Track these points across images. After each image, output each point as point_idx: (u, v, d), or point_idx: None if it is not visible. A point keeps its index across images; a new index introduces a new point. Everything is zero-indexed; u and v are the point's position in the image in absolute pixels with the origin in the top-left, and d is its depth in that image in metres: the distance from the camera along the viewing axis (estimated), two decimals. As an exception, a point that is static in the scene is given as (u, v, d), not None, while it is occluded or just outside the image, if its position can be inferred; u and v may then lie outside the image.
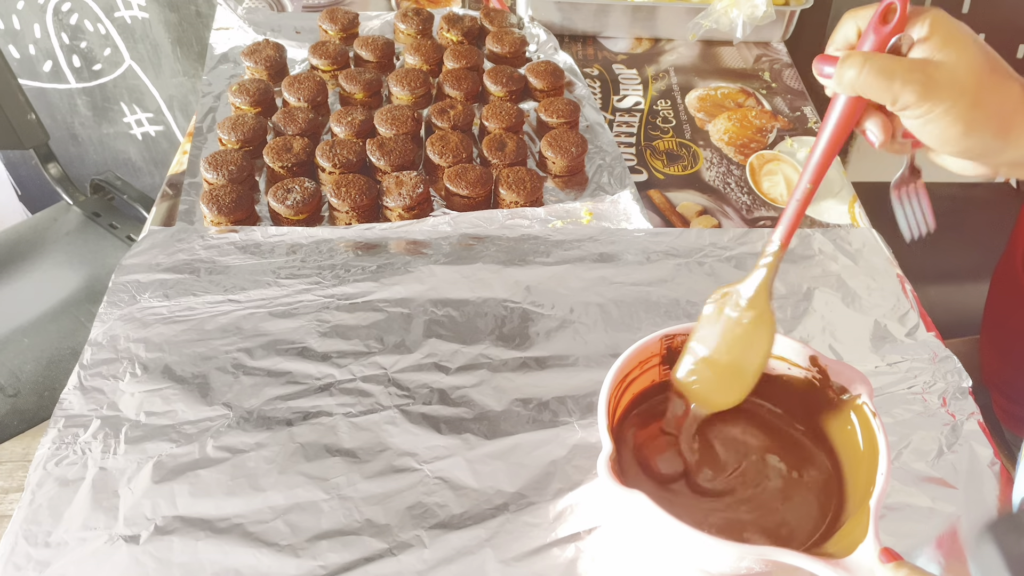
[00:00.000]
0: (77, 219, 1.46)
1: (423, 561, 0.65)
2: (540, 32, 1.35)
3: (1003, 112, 0.56)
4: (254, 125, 1.07)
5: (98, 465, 0.71)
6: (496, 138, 1.07)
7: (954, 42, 0.55)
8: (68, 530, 0.67)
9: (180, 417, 0.75)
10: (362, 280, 0.89)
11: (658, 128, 1.21)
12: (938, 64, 0.55)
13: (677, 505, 0.65)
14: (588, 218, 1.00)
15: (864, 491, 0.60)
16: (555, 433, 0.75)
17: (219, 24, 1.35)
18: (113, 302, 0.86)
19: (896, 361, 0.82)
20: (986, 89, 0.55)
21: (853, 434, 0.65)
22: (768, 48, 1.40)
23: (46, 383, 1.23)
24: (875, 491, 0.57)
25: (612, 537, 0.67)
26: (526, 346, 0.83)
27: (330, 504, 0.69)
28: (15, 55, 1.75)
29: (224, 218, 0.96)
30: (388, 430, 0.75)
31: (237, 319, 0.85)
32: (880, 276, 0.92)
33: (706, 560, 0.61)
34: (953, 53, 0.55)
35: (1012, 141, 0.57)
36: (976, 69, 0.55)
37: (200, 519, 0.68)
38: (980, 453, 0.73)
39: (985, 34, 1.51)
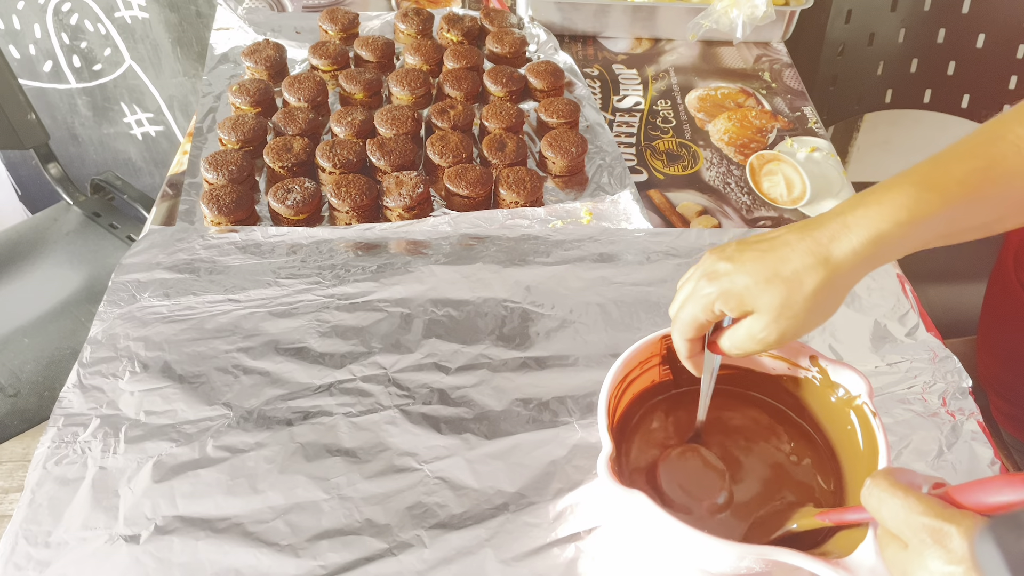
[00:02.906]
0: (77, 219, 1.46)
1: (423, 561, 0.65)
2: (540, 32, 1.35)
3: (795, 291, 0.58)
4: (254, 125, 1.07)
5: (98, 464, 0.71)
6: (496, 138, 1.07)
7: (759, 319, 0.60)
8: (68, 530, 0.67)
9: (180, 416, 0.75)
10: (362, 280, 0.89)
11: (658, 128, 1.21)
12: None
13: (677, 505, 0.65)
14: (588, 218, 1.00)
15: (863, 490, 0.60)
16: (555, 433, 0.75)
17: (219, 24, 1.35)
18: (113, 301, 0.86)
19: (896, 361, 0.82)
20: (779, 302, 0.58)
21: (853, 434, 0.65)
22: (768, 48, 1.40)
23: (46, 383, 1.23)
24: None
25: (612, 537, 0.67)
26: (526, 346, 0.83)
27: (330, 504, 0.69)
28: (15, 55, 1.75)
29: (224, 218, 0.96)
30: (388, 430, 0.75)
31: (237, 319, 0.85)
32: (880, 276, 0.92)
33: (706, 560, 0.61)
34: None
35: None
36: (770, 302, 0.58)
37: (200, 519, 0.68)
38: (980, 453, 0.74)
39: (985, 34, 1.51)
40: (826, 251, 0.57)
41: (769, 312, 0.58)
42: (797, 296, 0.57)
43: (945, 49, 1.57)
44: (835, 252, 0.57)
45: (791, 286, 0.57)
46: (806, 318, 0.58)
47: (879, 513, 0.48)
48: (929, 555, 0.44)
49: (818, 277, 0.57)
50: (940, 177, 0.58)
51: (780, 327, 0.58)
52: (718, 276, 0.60)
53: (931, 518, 0.44)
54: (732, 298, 0.59)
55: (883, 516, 0.48)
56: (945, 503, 0.45)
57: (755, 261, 0.59)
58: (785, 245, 0.59)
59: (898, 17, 1.55)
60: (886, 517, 0.47)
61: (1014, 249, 1.01)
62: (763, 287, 0.58)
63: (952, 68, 1.58)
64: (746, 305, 0.59)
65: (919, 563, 0.45)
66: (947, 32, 1.55)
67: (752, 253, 0.60)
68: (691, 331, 0.63)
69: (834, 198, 1.08)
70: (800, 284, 0.57)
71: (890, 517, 0.47)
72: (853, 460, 0.65)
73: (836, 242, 0.57)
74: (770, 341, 0.59)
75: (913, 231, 0.57)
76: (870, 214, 0.57)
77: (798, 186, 1.09)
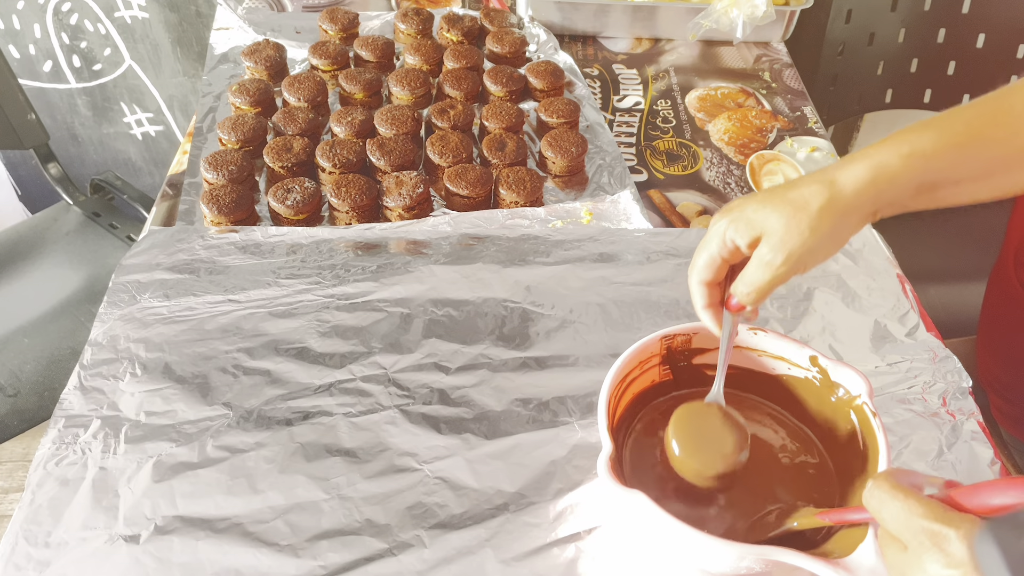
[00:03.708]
0: (77, 219, 1.46)
1: (423, 561, 0.65)
2: (540, 32, 1.35)
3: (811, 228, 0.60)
4: (254, 125, 1.07)
5: (98, 465, 0.71)
6: (496, 138, 1.07)
7: (767, 241, 0.61)
8: (68, 530, 0.67)
9: (180, 417, 0.75)
10: (362, 280, 0.89)
11: (658, 128, 1.21)
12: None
13: (677, 505, 0.65)
14: (588, 218, 1.00)
15: (863, 490, 0.60)
16: (555, 433, 0.75)
17: (219, 24, 1.35)
18: (113, 302, 0.86)
19: (896, 361, 0.82)
20: (800, 241, 0.60)
21: (853, 434, 0.65)
22: (768, 48, 1.40)
23: (46, 383, 1.23)
24: None
25: (612, 537, 0.67)
26: (526, 346, 0.83)
27: (330, 504, 0.69)
28: (15, 55, 1.75)
29: (224, 218, 0.96)
30: (388, 430, 0.75)
31: (237, 319, 0.85)
32: (880, 276, 0.92)
33: (706, 560, 0.61)
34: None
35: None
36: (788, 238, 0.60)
37: (200, 519, 0.68)
38: (980, 453, 0.74)
39: (985, 34, 1.51)
40: (831, 177, 0.60)
41: (776, 232, 0.60)
42: (803, 215, 0.60)
43: (945, 49, 1.57)
44: (838, 176, 0.60)
45: (796, 206, 0.60)
46: (811, 239, 0.60)
47: (880, 515, 0.48)
48: (927, 558, 0.44)
49: (822, 197, 0.59)
50: (945, 120, 0.61)
51: (787, 248, 0.60)
52: (730, 210, 0.64)
53: (931, 521, 0.44)
54: (741, 222, 0.62)
55: (883, 518, 0.48)
56: (946, 506, 0.45)
57: (765, 193, 0.63)
58: (794, 181, 0.62)
59: (898, 17, 1.55)
60: (886, 519, 0.47)
61: (1014, 249, 1.01)
62: (770, 210, 0.61)
63: (952, 68, 1.58)
64: (754, 228, 0.61)
65: (917, 566, 0.45)
66: (947, 32, 1.55)
67: (763, 192, 0.64)
68: (707, 272, 0.65)
69: (834, 198, 1.07)
70: (805, 204, 0.60)
71: (890, 519, 0.47)
72: (853, 460, 0.65)
73: (840, 170, 0.61)
74: (777, 264, 0.60)
75: (913, 163, 0.59)
76: (874, 148, 0.61)
77: (798, 186, 1.09)
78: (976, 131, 0.61)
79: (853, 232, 0.62)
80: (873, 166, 0.60)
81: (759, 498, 0.65)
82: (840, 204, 0.60)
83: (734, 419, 0.65)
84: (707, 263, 0.65)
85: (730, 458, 0.63)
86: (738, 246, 0.63)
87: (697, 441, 0.64)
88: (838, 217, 0.60)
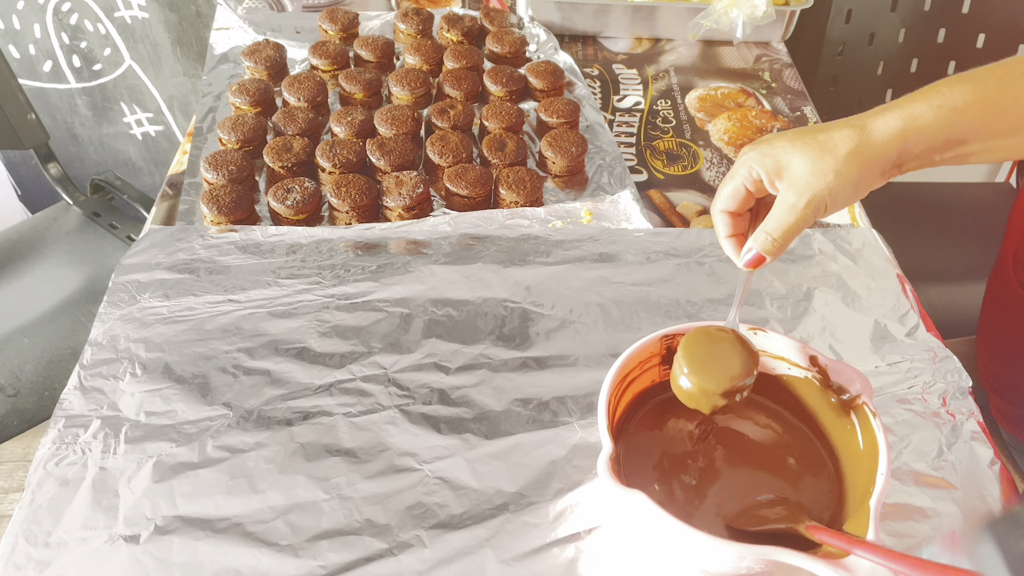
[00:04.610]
0: (77, 219, 1.45)
1: (423, 561, 0.65)
2: (540, 32, 1.35)
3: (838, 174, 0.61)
4: (254, 125, 1.07)
5: (98, 465, 0.71)
6: (496, 138, 1.07)
7: (791, 185, 0.62)
8: (68, 530, 0.67)
9: (180, 417, 0.75)
10: (362, 280, 0.89)
11: (658, 128, 1.21)
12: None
13: (677, 505, 0.65)
14: (588, 218, 1.00)
15: (864, 491, 0.60)
16: (555, 433, 0.75)
17: (219, 24, 1.35)
18: (113, 302, 0.86)
19: (896, 361, 0.82)
20: (824, 184, 0.61)
21: (853, 434, 0.65)
22: (768, 48, 1.40)
23: (46, 383, 1.23)
24: (875, 491, 0.57)
25: (612, 537, 0.67)
26: (526, 346, 0.83)
27: (330, 504, 0.69)
28: (15, 55, 1.75)
29: (224, 218, 0.96)
30: (388, 430, 0.75)
31: (237, 319, 0.85)
32: (880, 276, 0.92)
33: (706, 560, 0.61)
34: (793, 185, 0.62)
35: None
36: (814, 184, 0.61)
37: (200, 519, 0.68)
38: (980, 453, 0.73)
39: (985, 34, 1.51)
40: (861, 122, 0.61)
41: (801, 175, 0.61)
42: (829, 158, 0.60)
43: (945, 49, 1.57)
44: (869, 123, 0.61)
45: (825, 148, 0.61)
46: (836, 183, 0.60)
47: None
48: None
49: (852, 143, 0.61)
50: (978, 75, 0.62)
51: (812, 190, 0.61)
52: (759, 144, 0.65)
53: None
54: (769, 157, 0.63)
55: None
56: None
57: (796, 132, 0.64)
58: (826, 124, 0.63)
59: (898, 17, 1.55)
60: None
61: (1013, 248, 1.01)
62: (798, 147, 0.62)
63: (952, 68, 1.58)
64: (780, 163, 0.62)
65: None
66: (947, 32, 1.55)
67: (794, 130, 0.65)
68: (731, 202, 0.66)
69: (834, 198, 1.07)
70: (834, 148, 0.61)
71: None
72: (853, 461, 0.65)
73: (871, 117, 0.62)
74: (801, 208, 0.61)
75: (943, 115, 0.60)
76: (906, 99, 0.62)
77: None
78: (1008, 88, 0.61)
79: (877, 182, 0.63)
80: (904, 116, 0.60)
81: (759, 499, 0.65)
82: (868, 151, 0.61)
83: (745, 342, 0.66)
84: (731, 193, 0.65)
85: (738, 378, 0.63)
86: (762, 179, 0.63)
87: (705, 359, 0.64)
88: (864, 164, 0.61)
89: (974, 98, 0.61)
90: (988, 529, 0.40)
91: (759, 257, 0.65)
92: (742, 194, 0.65)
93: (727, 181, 0.66)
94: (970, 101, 0.60)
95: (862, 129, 0.61)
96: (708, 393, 0.64)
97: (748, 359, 0.64)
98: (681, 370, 0.64)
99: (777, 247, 0.64)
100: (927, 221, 1.45)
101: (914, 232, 1.41)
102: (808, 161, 0.61)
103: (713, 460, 0.69)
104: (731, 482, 0.67)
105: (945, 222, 1.47)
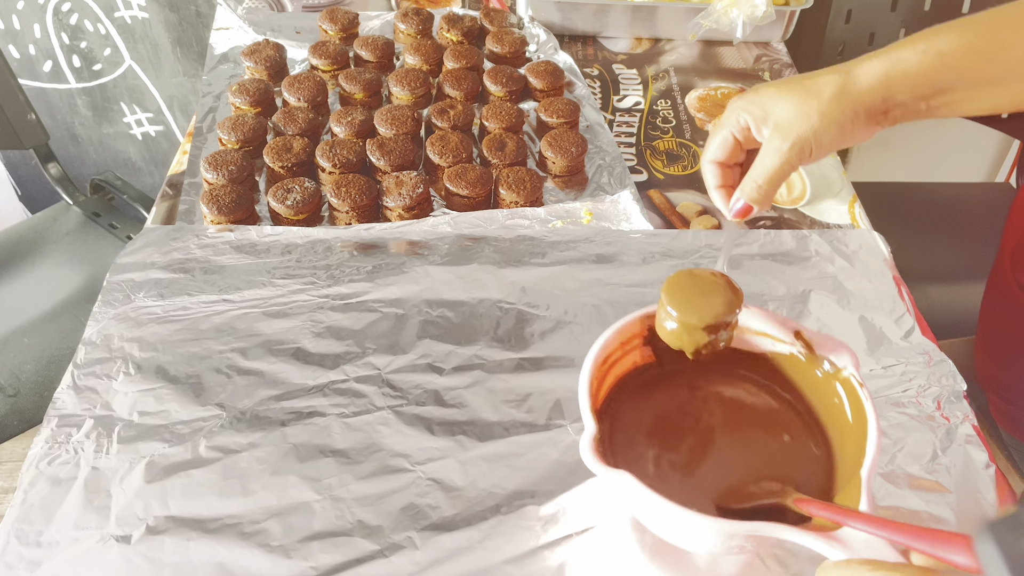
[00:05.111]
0: (77, 219, 1.46)
1: (415, 563, 0.65)
2: (540, 32, 1.35)
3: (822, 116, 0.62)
4: (254, 125, 1.07)
5: (90, 465, 0.71)
6: (496, 138, 1.07)
7: (776, 129, 0.63)
8: (60, 530, 0.67)
9: (173, 417, 0.75)
10: (357, 280, 0.89)
11: (658, 128, 1.21)
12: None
13: (664, 484, 0.63)
14: (588, 218, 1.00)
15: (854, 462, 0.59)
16: (549, 435, 0.75)
17: (219, 24, 1.35)
18: (107, 301, 0.86)
19: (891, 364, 0.82)
20: (809, 128, 0.62)
21: (841, 406, 0.64)
22: (768, 48, 1.40)
23: (46, 383, 1.23)
24: (866, 461, 0.56)
25: (604, 539, 0.67)
26: (521, 347, 0.83)
27: (322, 505, 0.69)
28: (15, 55, 1.76)
29: (224, 218, 0.96)
30: (381, 431, 0.75)
31: (231, 319, 0.85)
32: (876, 278, 0.92)
33: (695, 538, 0.60)
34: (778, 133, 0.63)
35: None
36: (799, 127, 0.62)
37: (192, 519, 0.68)
38: (975, 457, 0.73)
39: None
40: (847, 67, 0.63)
41: (786, 118, 0.62)
42: (814, 101, 0.61)
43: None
44: (854, 67, 0.62)
45: (810, 92, 0.62)
46: (820, 124, 0.61)
47: None
48: None
49: (836, 86, 0.61)
50: (966, 22, 0.63)
51: (796, 132, 0.62)
52: (747, 93, 0.66)
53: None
54: (755, 104, 0.64)
55: None
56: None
57: (783, 80, 0.65)
58: (814, 72, 0.64)
59: (898, 17, 1.54)
60: None
61: (1010, 249, 1.01)
62: (784, 93, 0.63)
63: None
64: (767, 110, 0.63)
65: None
66: (948, 32, 1.54)
67: (783, 79, 0.66)
68: (720, 151, 0.67)
69: (834, 198, 1.07)
70: (819, 91, 0.62)
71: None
72: (842, 434, 0.64)
73: (857, 62, 0.63)
74: (785, 150, 0.62)
75: (928, 60, 0.61)
76: (893, 45, 0.63)
77: (798, 186, 1.09)
78: (996, 34, 0.61)
79: (863, 127, 0.63)
80: (889, 60, 0.61)
81: (747, 476, 0.64)
82: (853, 93, 0.61)
83: (729, 281, 0.65)
84: (720, 142, 0.66)
85: (721, 313, 0.63)
86: (750, 126, 0.64)
87: (689, 295, 0.64)
88: (849, 106, 0.61)
89: (960, 43, 0.61)
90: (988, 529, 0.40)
91: (747, 207, 0.65)
92: (730, 143, 0.66)
93: (716, 131, 0.67)
94: (956, 46, 0.61)
95: (847, 73, 0.62)
96: (691, 328, 0.63)
97: (731, 296, 0.64)
98: (665, 308, 0.64)
99: (763, 194, 0.64)
100: (927, 221, 1.45)
101: (914, 232, 1.41)
102: (793, 105, 0.62)
103: (699, 439, 0.67)
104: (719, 460, 0.65)
105: (945, 222, 1.46)
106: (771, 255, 0.95)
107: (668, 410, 0.70)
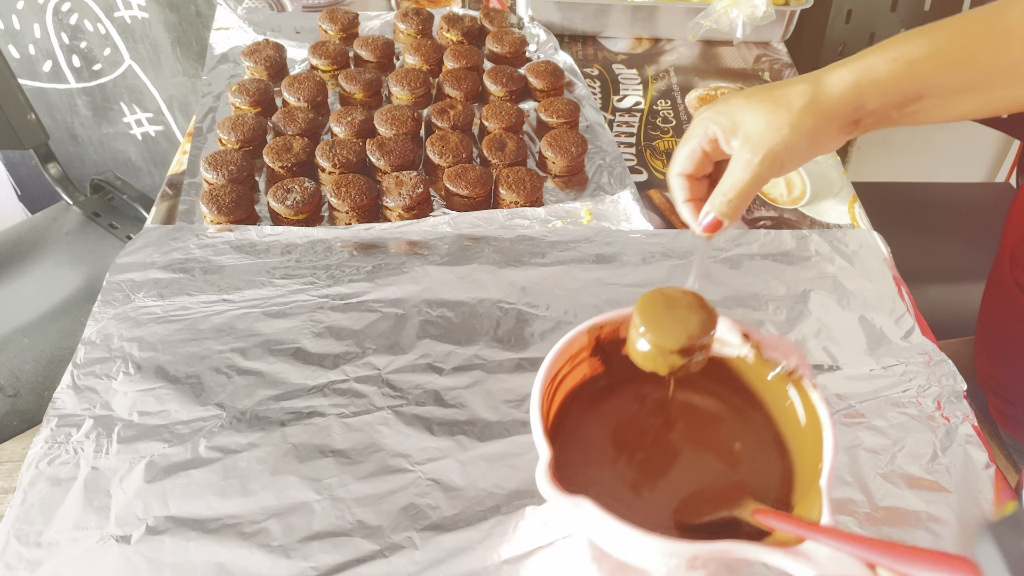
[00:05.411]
0: (77, 219, 1.45)
1: (414, 563, 0.65)
2: (540, 32, 1.35)
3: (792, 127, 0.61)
4: (254, 125, 1.07)
5: (90, 465, 0.71)
6: (496, 138, 1.07)
7: (746, 142, 0.61)
8: (60, 530, 0.67)
9: (173, 417, 0.75)
10: (357, 280, 0.89)
11: (658, 128, 1.21)
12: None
13: (623, 504, 0.62)
14: (588, 218, 1.00)
15: (812, 468, 0.58)
16: (549, 435, 0.75)
17: (219, 24, 1.35)
18: (107, 301, 0.86)
19: (891, 364, 0.82)
20: (779, 140, 0.60)
21: (792, 409, 0.63)
22: (768, 48, 1.40)
23: (46, 383, 1.23)
24: (824, 469, 0.55)
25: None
26: (521, 347, 0.83)
27: (322, 505, 0.69)
28: (15, 55, 1.75)
29: (224, 218, 0.96)
30: (381, 431, 0.75)
31: (231, 319, 0.85)
32: (876, 278, 0.92)
33: (656, 560, 0.59)
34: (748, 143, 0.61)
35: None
36: (771, 139, 0.60)
37: (192, 519, 0.68)
38: (975, 457, 0.73)
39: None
40: (816, 77, 0.61)
41: (756, 130, 0.60)
42: (784, 112, 0.60)
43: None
44: (823, 77, 0.61)
45: (779, 103, 0.60)
46: (791, 137, 0.60)
47: None
48: None
49: (806, 97, 0.60)
50: (938, 28, 0.61)
51: (766, 144, 0.60)
52: (715, 104, 0.64)
53: None
54: (724, 115, 0.62)
55: None
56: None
57: (752, 90, 0.63)
58: (783, 82, 0.63)
59: (898, 17, 1.54)
60: None
61: (1009, 250, 1.01)
62: (753, 103, 0.61)
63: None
64: (735, 121, 0.61)
65: None
66: (948, 32, 1.54)
67: (751, 89, 0.64)
68: (687, 163, 0.65)
69: (834, 198, 1.07)
70: (789, 102, 0.60)
71: None
72: (797, 437, 0.63)
73: (826, 71, 0.61)
74: (756, 163, 0.60)
75: (899, 67, 0.60)
76: (863, 52, 0.61)
77: (798, 186, 1.09)
78: (967, 40, 0.60)
79: (835, 137, 0.62)
80: (858, 68, 0.60)
81: (704, 486, 0.63)
82: (823, 103, 0.60)
83: (702, 301, 0.63)
84: (688, 155, 0.64)
85: (695, 336, 0.60)
86: (718, 138, 0.62)
87: (662, 317, 0.61)
88: (820, 117, 0.60)
89: (930, 50, 0.60)
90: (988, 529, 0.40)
91: (716, 221, 0.63)
92: (698, 155, 0.64)
93: (683, 143, 0.65)
94: (926, 53, 0.59)
95: (817, 83, 0.60)
96: (665, 351, 0.60)
97: (705, 317, 0.61)
98: (637, 330, 0.61)
99: (733, 208, 0.62)
100: (927, 221, 1.45)
101: (914, 232, 1.41)
102: (763, 116, 0.60)
103: (654, 452, 0.66)
104: (675, 473, 0.64)
105: (945, 222, 1.46)
106: (771, 255, 0.95)
107: (620, 423, 0.68)
